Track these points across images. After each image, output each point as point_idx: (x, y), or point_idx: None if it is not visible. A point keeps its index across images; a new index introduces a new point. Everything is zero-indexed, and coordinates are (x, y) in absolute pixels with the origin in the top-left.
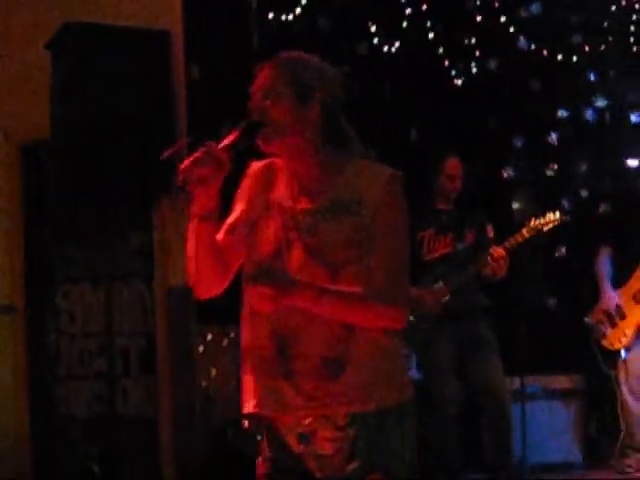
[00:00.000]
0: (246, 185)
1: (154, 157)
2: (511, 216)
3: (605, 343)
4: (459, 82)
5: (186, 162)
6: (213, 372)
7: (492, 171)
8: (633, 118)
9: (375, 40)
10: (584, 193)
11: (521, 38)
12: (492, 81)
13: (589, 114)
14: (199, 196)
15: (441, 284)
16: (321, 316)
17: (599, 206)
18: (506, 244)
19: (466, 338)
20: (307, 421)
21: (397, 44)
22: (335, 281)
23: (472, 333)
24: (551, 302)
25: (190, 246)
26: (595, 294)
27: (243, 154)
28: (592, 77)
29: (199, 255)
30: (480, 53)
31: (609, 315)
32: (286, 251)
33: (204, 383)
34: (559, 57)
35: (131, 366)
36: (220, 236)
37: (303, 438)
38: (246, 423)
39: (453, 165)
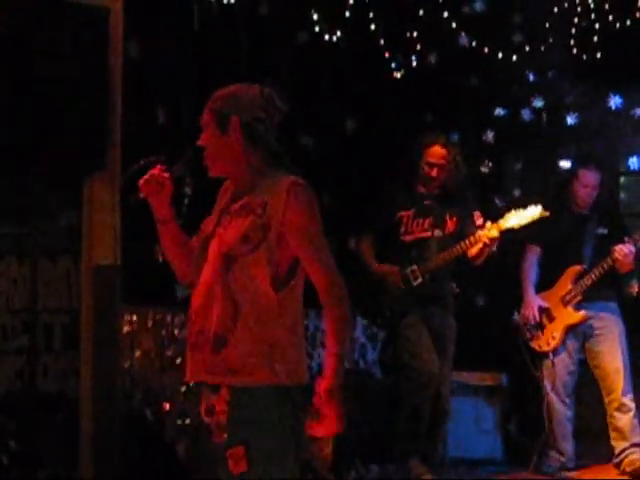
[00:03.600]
0: (217, 199)
1: (87, 135)
2: None
3: (534, 345)
4: (398, 75)
5: (140, 182)
6: (137, 353)
7: None
8: (569, 120)
9: (316, 28)
10: (517, 192)
11: (462, 34)
12: (431, 76)
13: (526, 114)
14: (154, 205)
15: (414, 267)
16: (218, 297)
17: (530, 206)
18: (495, 227)
19: (431, 324)
20: (209, 395)
21: (338, 33)
22: (229, 269)
23: (438, 321)
24: (479, 300)
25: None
26: (522, 293)
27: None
28: (531, 77)
29: (167, 251)
30: (421, 47)
31: (530, 320)
32: (210, 243)
33: (127, 364)
34: (499, 55)
35: (54, 342)
36: (194, 238)
37: (209, 410)
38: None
39: (434, 153)
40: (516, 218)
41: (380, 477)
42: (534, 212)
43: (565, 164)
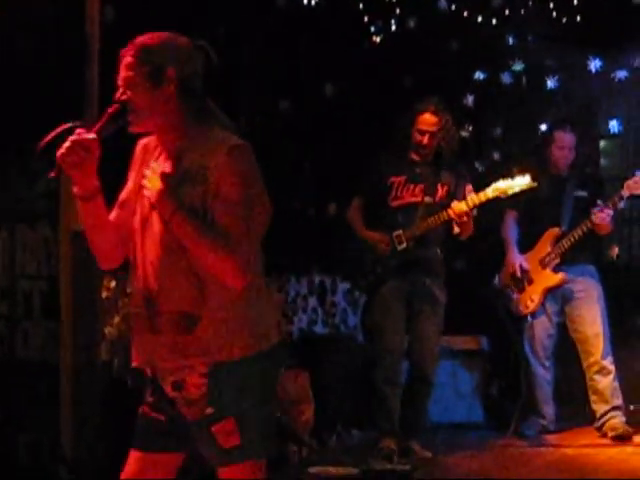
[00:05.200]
0: (133, 162)
1: (65, 101)
2: None
3: (512, 308)
4: (377, 39)
5: (58, 152)
6: (116, 319)
7: None
8: (549, 83)
9: None
10: (496, 156)
11: None
12: (410, 40)
13: (506, 77)
14: (77, 179)
15: (400, 232)
16: (179, 275)
17: (510, 170)
18: (468, 201)
19: (415, 291)
20: (174, 370)
21: None
22: (176, 246)
23: (421, 288)
24: (459, 263)
25: (83, 225)
26: (502, 257)
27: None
28: (511, 41)
29: (91, 232)
30: (400, 11)
31: (516, 280)
32: (150, 217)
33: (107, 329)
34: (479, 19)
35: (33, 309)
36: (113, 212)
37: (176, 385)
38: (130, 380)
39: (425, 120)
40: (504, 188)
41: (361, 442)
42: (522, 182)
43: (545, 127)
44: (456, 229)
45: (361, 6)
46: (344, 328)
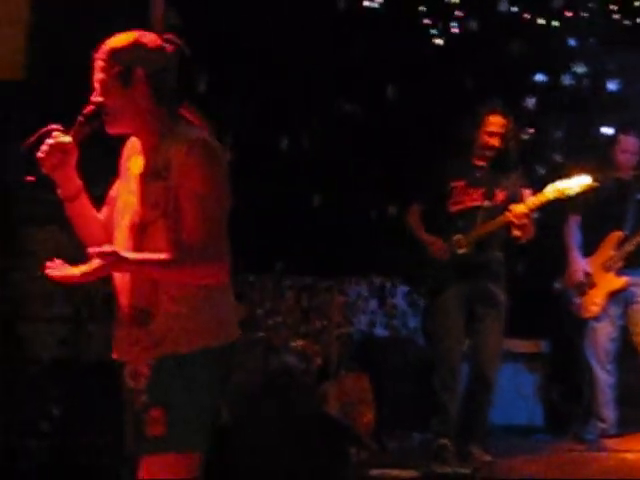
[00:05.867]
0: (121, 161)
1: None
2: None
3: (575, 311)
4: (439, 42)
5: (37, 155)
6: None
7: None
8: (611, 86)
9: None
10: (557, 158)
11: (503, 0)
12: (471, 42)
13: (567, 80)
14: (58, 181)
15: (460, 236)
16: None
17: (571, 172)
18: (528, 203)
19: (476, 295)
20: (134, 362)
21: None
22: (142, 240)
23: (483, 291)
24: (520, 266)
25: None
26: (564, 260)
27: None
28: (572, 43)
29: (79, 230)
30: (461, 13)
31: (578, 283)
32: (123, 213)
33: None
34: (540, 21)
35: (97, 311)
36: (103, 209)
37: (132, 374)
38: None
39: (495, 122)
40: (561, 188)
41: (421, 445)
42: (582, 183)
43: (607, 131)
44: (516, 232)
45: (422, 8)
46: (404, 330)
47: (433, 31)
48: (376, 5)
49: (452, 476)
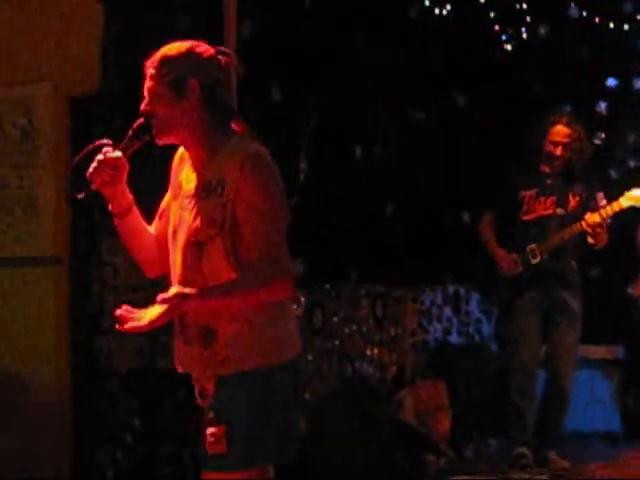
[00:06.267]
0: (171, 171)
1: None
2: None
3: None
4: (509, 47)
5: (88, 173)
6: None
7: None
8: None
9: (426, 2)
10: (632, 163)
11: (572, 5)
12: (542, 47)
13: (639, 84)
14: (109, 197)
15: (534, 246)
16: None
17: None
18: (602, 212)
19: (550, 304)
20: (201, 379)
21: (448, 7)
22: (201, 257)
23: (557, 300)
24: (594, 272)
25: (121, 239)
26: (638, 264)
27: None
28: None
29: (130, 245)
30: (531, 19)
31: None
32: (177, 230)
33: None
34: (610, 25)
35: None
36: (155, 222)
37: (201, 394)
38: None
39: (559, 132)
40: (636, 196)
41: (498, 452)
42: None
43: None
44: (590, 239)
45: (492, 14)
46: (478, 338)
47: (503, 37)
48: (446, 12)
49: None
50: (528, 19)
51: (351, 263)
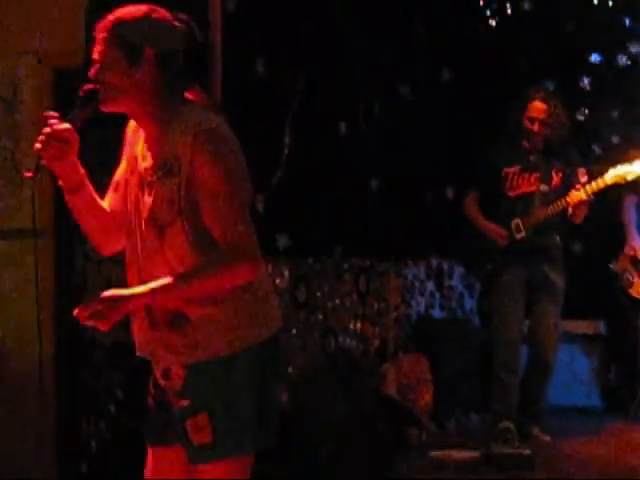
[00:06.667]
0: (124, 144)
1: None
2: None
3: (632, 292)
4: (493, 23)
5: (35, 147)
6: None
7: None
8: None
9: None
10: (615, 139)
11: None
12: (526, 23)
13: (622, 59)
14: (60, 172)
15: (518, 221)
16: (164, 272)
17: (628, 152)
18: (587, 188)
19: (534, 279)
20: (167, 364)
21: None
22: (163, 240)
23: (541, 276)
24: (576, 247)
25: (73, 215)
26: (620, 240)
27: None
28: (627, 22)
29: (83, 221)
30: None
31: (636, 263)
32: (134, 212)
33: None
34: (595, 1)
35: None
36: (107, 195)
37: (165, 373)
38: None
39: (535, 108)
40: (621, 173)
41: (480, 426)
42: None
43: None
44: (571, 214)
45: None
46: (461, 312)
47: (487, 12)
48: None
49: (513, 457)
50: None
51: (335, 237)
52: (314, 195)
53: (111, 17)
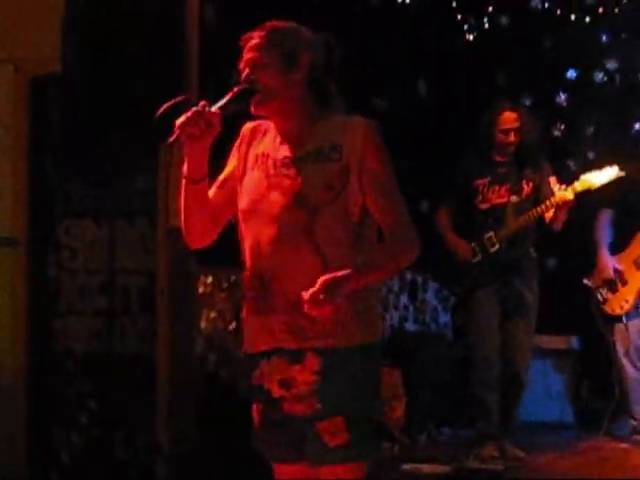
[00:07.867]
0: (238, 144)
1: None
2: None
3: (606, 308)
4: (471, 37)
5: (179, 120)
6: (212, 314)
7: None
8: None
9: None
10: (591, 155)
11: None
12: (503, 38)
13: (599, 76)
14: (192, 155)
15: (491, 234)
16: (302, 255)
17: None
18: (575, 186)
19: (507, 295)
20: (284, 362)
21: None
22: (314, 222)
23: (514, 292)
24: (550, 262)
25: (180, 202)
26: (595, 256)
27: (236, 117)
28: (604, 38)
29: (188, 213)
30: (493, 9)
31: (609, 281)
32: (267, 196)
33: (202, 325)
34: (572, 17)
35: (131, 304)
36: (212, 191)
37: (284, 383)
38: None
39: (507, 119)
40: (592, 179)
41: (452, 440)
42: (611, 173)
43: (639, 126)
44: (548, 216)
45: (454, 4)
46: (434, 326)
47: (465, 27)
48: (408, 0)
49: (484, 472)
50: (490, 9)
51: None
52: None
53: (264, 26)
